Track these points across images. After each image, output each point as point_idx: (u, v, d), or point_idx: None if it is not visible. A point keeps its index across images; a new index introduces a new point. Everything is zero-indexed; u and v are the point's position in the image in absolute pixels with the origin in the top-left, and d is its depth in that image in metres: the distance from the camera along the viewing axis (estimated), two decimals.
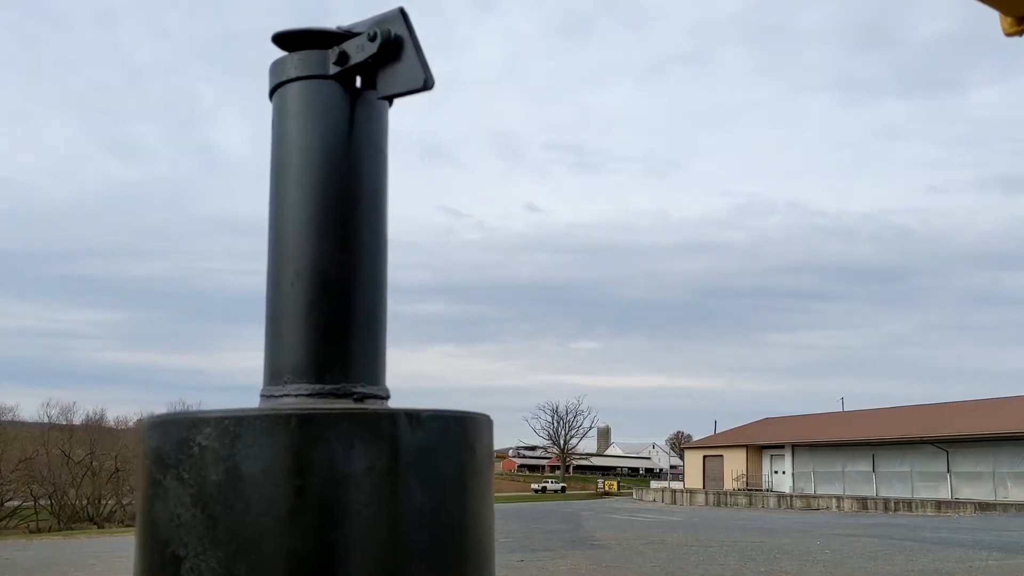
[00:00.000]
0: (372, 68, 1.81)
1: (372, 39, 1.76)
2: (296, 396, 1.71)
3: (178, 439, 1.58)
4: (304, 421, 1.53)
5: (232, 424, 1.53)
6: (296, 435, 1.52)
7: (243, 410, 1.55)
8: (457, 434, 1.69)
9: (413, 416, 1.60)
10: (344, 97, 1.83)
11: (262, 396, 1.78)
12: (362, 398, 1.74)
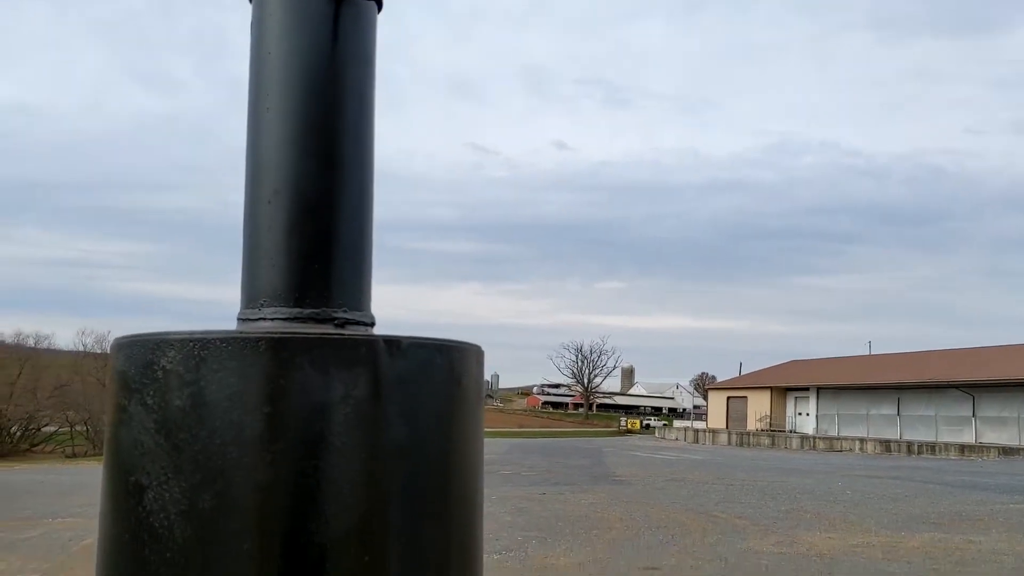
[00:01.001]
0: None
1: None
2: (272, 320, 1.61)
3: (143, 362, 1.48)
4: (275, 345, 1.43)
5: (198, 347, 1.44)
6: (266, 360, 1.42)
7: (210, 332, 1.45)
8: (442, 364, 1.58)
9: (393, 343, 1.50)
10: (328, 1, 1.69)
11: (238, 320, 1.68)
12: (343, 324, 1.64)
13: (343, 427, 1.43)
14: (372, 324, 1.71)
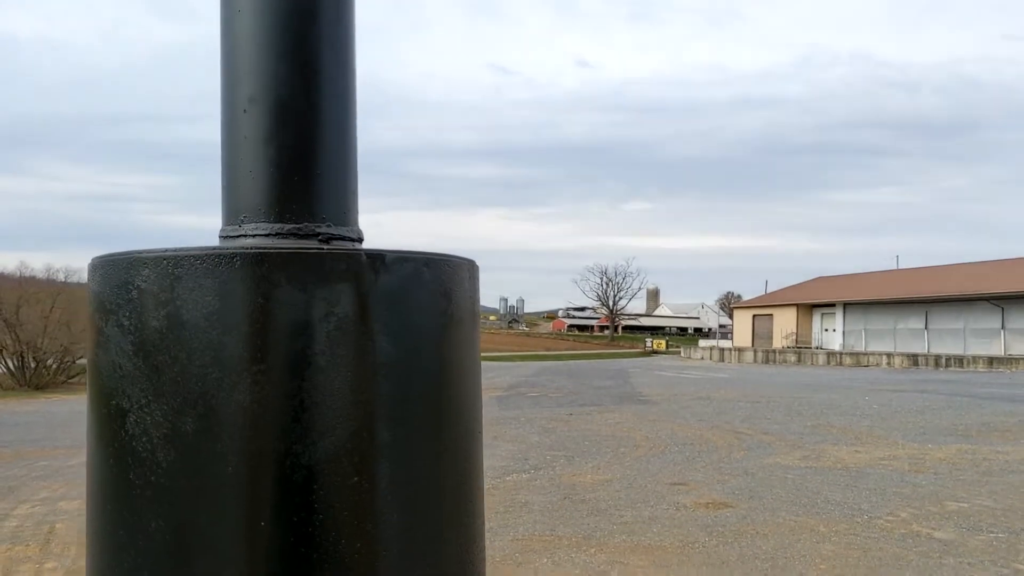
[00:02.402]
0: None
1: None
2: (253, 236, 1.54)
3: (118, 282, 1.42)
4: (252, 261, 1.36)
5: (172, 265, 1.37)
6: (243, 276, 1.36)
7: (185, 249, 1.39)
8: (430, 279, 1.51)
9: (377, 257, 1.42)
10: None
11: (220, 237, 1.61)
12: (328, 239, 1.56)
13: (327, 345, 1.37)
14: (359, 240, 1.64)
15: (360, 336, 1.40)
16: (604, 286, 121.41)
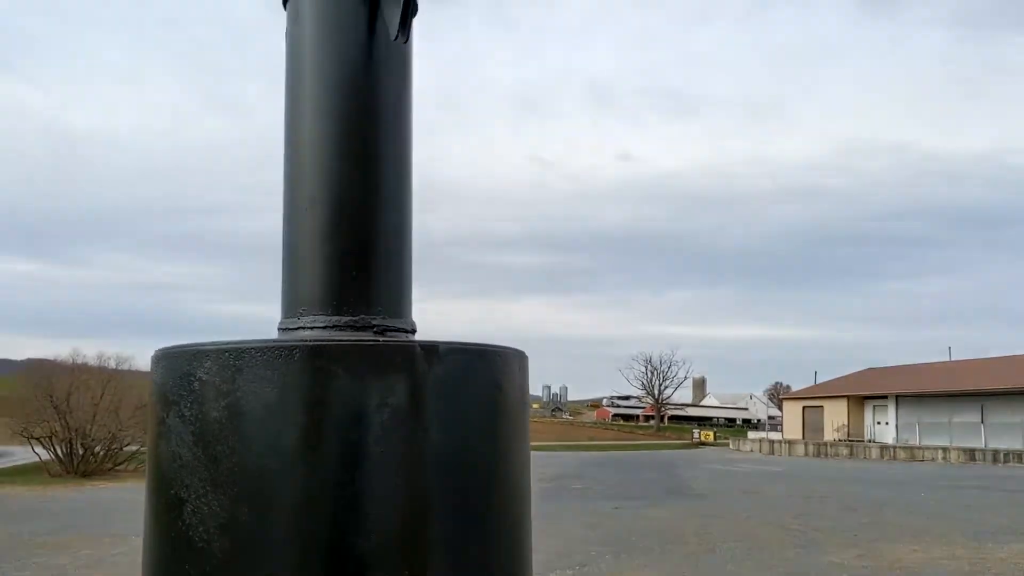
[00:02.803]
0: None
1: None
2: (311, 329, 1.59)
3: (180, 374, 1.47)
4: (311, 353, 1.40)
5: (233, 357, 1.42)
6: (302, 368, 1.39)
7: (246, 342, 1.43)
8: (482, 370, 1.53)
9: (431, 349, 1.45)
10: (361, 2, 1.67)
11: (279, 330, 1.66)
12: (383, 331, 1.60)
13: (381, 436, 1.39)
14: (413, 331, 1.67)
15: (413, 427, 1.42)
16: (649, 375, 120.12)
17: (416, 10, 1.65)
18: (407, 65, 1.73)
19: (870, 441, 61.13)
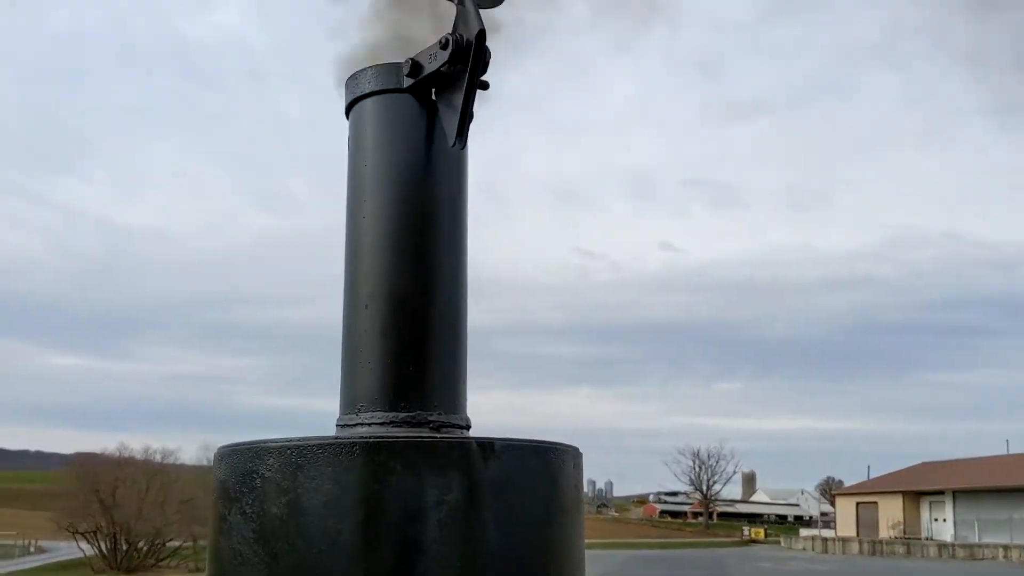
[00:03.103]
0: (447, 78, 1.72)
1: (444, 46, 1.67)
2: (370, 425, 1.62)
3: (243, 471, 1.50)
4: (370, 449, 1.43)
5: (295, 454, 1.45)
6: (360, 464, 1.42)
7: (307, 439, 1.46)
8: (537, 467, 1.55)
9: (487, 446, 1.47)
10: (419, 110, 1.75)
11: (337, 426, 1.69)
12: (439, 427, 1.63)
13: (437, 532, 1.40)
14: (468, 427, 1.70)
15: (470, 523, 1.43)
16: (697, 469, 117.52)
17: (472, 117, 1.72)
18: (463, 168, 1.80)
19: (927, 539, 58.87)
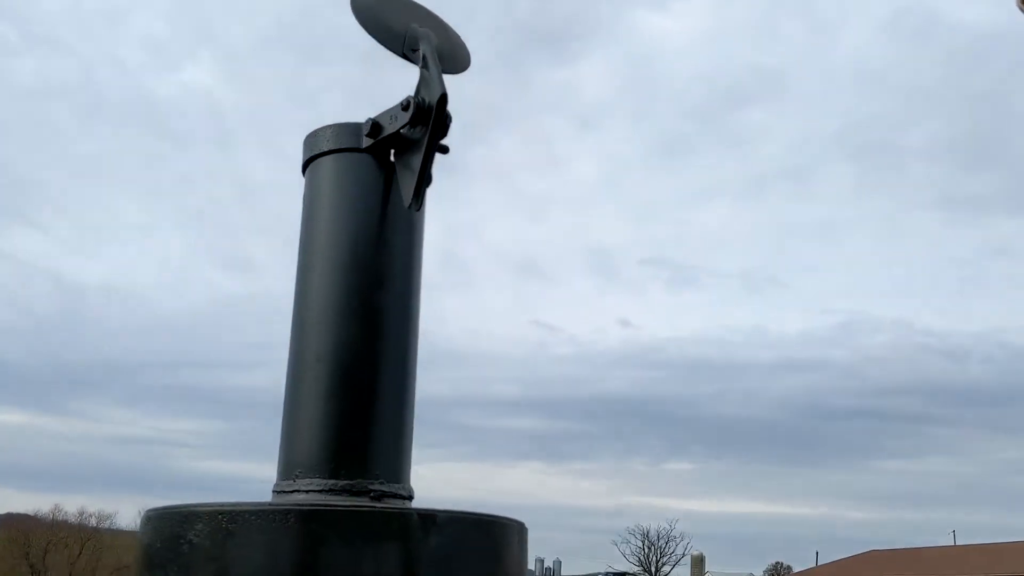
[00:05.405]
0: (406, 140, 1.71)
1: (405, 108, 1.67)
2: (307, 492, 1.55)
3: (169, 535, 1.42)
4: (304, 518, 1.36)
5: (226, 519, 1.37)
6: (294, 534, 1.35)
7: (239, 504, 1.39)
8: (480, 540, 1.49)
9: (428, 517, 1.42)
10: (377, 171, 1.72)
11: (274, 492, 1.62)
12: (380, 496, 1.56)
13: None
14: (410, 497, 1.63)
15: None
16: (646, 550, 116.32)
17: (430, 181, 1.70)
18: (418, 231, 1.77)
19: None
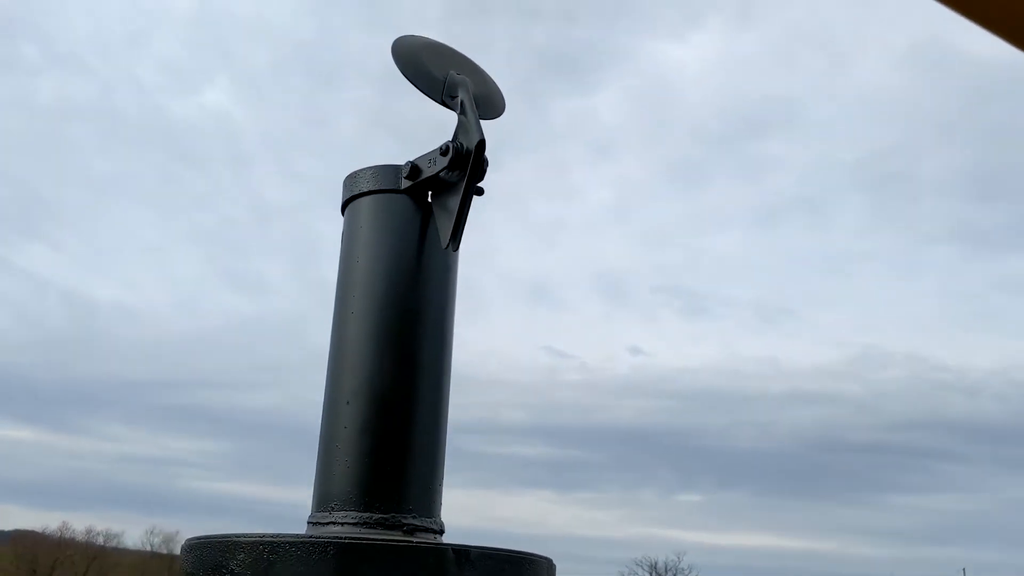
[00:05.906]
0: (444, 182, 1.77)
1: (444, 153, 1.72)
2: (342, 524, 1.59)
3: (212, 564, 1.47)
4: (343, 551, 1.40)
5: (267, 550, 1.42)
6: (333, 566, 1.39)
7: (280, 535, 1.44)
8: None
9: (462, 553, 1.46)
10: (415, 212, 1.78)
11: (309, 523, 1.66)
12: (412, 530, 1.60)
13: None
14: (441, 532, 1.67)
15: None
16: None
17: (466, 222, 1.76)
18: (453, 271, 1.83)
19: None
